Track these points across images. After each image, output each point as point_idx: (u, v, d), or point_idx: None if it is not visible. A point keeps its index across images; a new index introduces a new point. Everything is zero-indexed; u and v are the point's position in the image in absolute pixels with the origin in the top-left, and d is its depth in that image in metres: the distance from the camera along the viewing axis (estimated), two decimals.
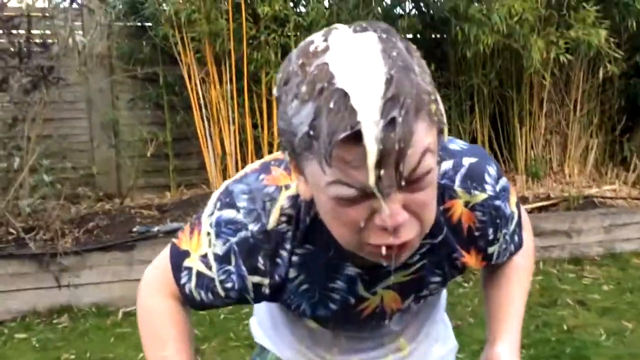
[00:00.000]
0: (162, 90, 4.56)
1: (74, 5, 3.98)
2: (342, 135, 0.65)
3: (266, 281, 0.91)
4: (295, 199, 0.87)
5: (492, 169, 0.93)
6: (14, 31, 3.41)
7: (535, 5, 4.14)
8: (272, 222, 0.88)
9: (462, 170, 0.91)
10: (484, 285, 1.09)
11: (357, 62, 0.67)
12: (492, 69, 4.62)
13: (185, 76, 4.29)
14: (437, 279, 0.97)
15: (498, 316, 1.04)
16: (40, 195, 3.42)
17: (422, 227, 0.76)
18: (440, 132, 0.74)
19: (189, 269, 0.93)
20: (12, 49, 3.35)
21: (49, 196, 3.62)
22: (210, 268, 0.91)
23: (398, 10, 4.84)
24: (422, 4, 4.82)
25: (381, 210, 0.71)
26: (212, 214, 0.91)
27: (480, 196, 0.91)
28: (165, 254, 0.98)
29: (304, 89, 0.68)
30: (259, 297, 0.94)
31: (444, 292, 1.19)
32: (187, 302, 0.97)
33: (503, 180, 0.94)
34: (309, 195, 0.79)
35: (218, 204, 0.91)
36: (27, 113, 3.66)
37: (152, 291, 1.00)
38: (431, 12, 4.76)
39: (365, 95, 0.65)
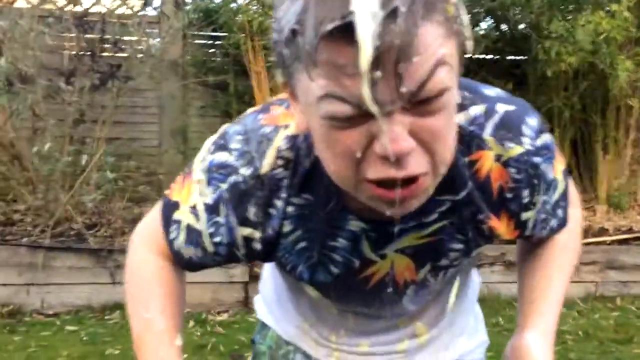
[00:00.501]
0: (232, 99, 4.57)
1: (150, 11, 4.07)
2: (330, 26, 0.54)
3: (257, 234, 0.79)
4: (294, 139, 0.75)
5: (532, 121, 0.77)
6: (89, 35, 3.49)
7: (625, 24, 3.88)
8: (266, 166, 0.76)
9: (496, 117, 0.76)
10: (519, 263, 0.93)
11: None
12: (576, 91, 4.36)
13: (255, 86, 4.28)
14: (459, 245, 0.81)
15: (532, 299, 0.88)
16: (102, 192, 3.45)
17: (434, 164, 0.62)
18: (462, 48, 0.61)
19: (179, 222, 0.83)
20: (84, 48, 3.42)
21: (113, 195, 3.66)
22: (199, 220, 0.81)
23: (477, 29, 4.68)
24: (501, 20, 4.63)
25: (380, 133, 0.57)
26: (204, 159, 0.80)
27: (516, 149, 0.76)
28: (157, 206, 0.88)
29: None
30: (250, 254, 0.82)
31: (476, 278, 1.04)
32: (177, 260, 0.86)
33: (547, 137, 0.78)
34: (304, 126, 0.67)
35: (212, 148, 0.80)
36: (100, 114, 3.75)
37: (141, 248, 0.89)
38: (511, 29, 4.57)
39: None
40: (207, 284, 3.34)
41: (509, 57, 4.67)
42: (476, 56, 4.35)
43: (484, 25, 4.60)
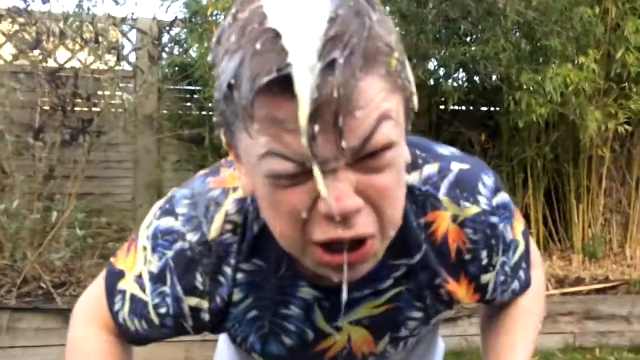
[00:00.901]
0: (208, 152, 4.55)
1: (124, 66, 4.07)
2: (266, 79, 0.52)
3: (205, 304, 0.76)
4: (242, 202, 0.73)
5: (488, 179, 0.75)
6: (61, 90, 3.47)
7: (592, 76, 3.96)
8: (213, 231, 0.73)
9: (450, 176, 0.74)
10: (483, 326, 0.91)
11: (297, 1, 0.53)
12: (547, 141, 4.42)
13: None
14: (418, 314, 0.78)
15: None
16: (72, 250, 3.37)
17: (382, 226, 0.59)
18: (407, 103, 0.60)
19: (123, 292, 0.79)
20: (56, 103, 3.40)
21: (82, 252, 3.58)
22: (144, 290, 0.77)
23: (450, 81, 4.75)
24: (472, 73, 4.71)
25: (324, 190, 0.55)
26: (150, 224, 0.77)
27: (472, 209, 0.73)
28: (101, 275, 0.84)
29: (233, 38, 0.55)
30: (198, 326, 0.78)
31: (441, 344, 1.00)
32: (122, 332, 0.82)
33: (503, 196, 0.76)
34: (249, 189, 0.64)
35: (158, 213, 0.77)
36: (72, 169, 3.70)
37: (83, 322, 0.85)
38: (482, 81, 4.64)
39: (301, 34, 0.51)
40: (179, 342, 3.25)
41: (482, 108, 4.74)
42: (450, 107, 4.40)
43: (455, 77, 4.67)
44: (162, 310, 0.77)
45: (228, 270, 0.74)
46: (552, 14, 3.38)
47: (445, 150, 0.78)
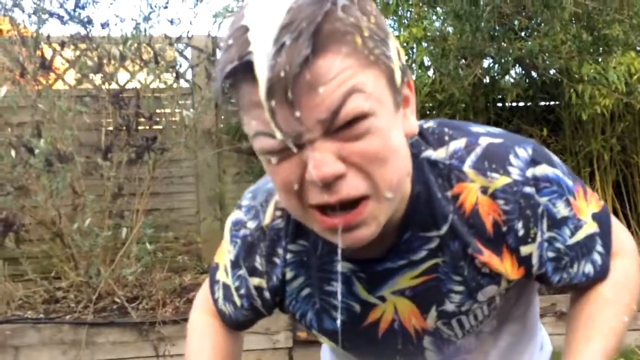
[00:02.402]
0: None
1: (182, 84, 4.17)
2: (230, 67, 0.60)
3: (264, 283, 0.84)
4: None
5: (522, 152, 0.75)
6: (124, 110, 3.58)
7: None
8: (267, 218, 0.83)
9: (478, 150, 0.75)
10: (568, 317, 0.88)
11: (269, 1, 0.62)
12: (613, 133, 4.28)
13: None
14: (459, 287, 0.79)
15: None
16: (143, 265, 3.46)
17: (375, 185, 0.64)
18: (389, 75, 0.64)
19: (218, 282, 0.91)
20: (120, 123, 3.51)
21: (153, 266, 3.67)
22: (228, 276, 0.88)
23: (507, 78, 4.66)
24: (530, 68, 4.61)
25: (307, 160, 0.62)
26: (228, 221, 0.88)
27: (502, 180, 0.74)
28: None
29: (223, 42, 0.64)
30: (265, 305, 0.86)
31: (547, 347, 0.98)
32: (221, 318, 0.92)
33: (546, 170, 0.75)
34: None
35: (234, 209, 0.88)
36: (137, 187, 3.81)
37: (197, 309, 0.97)
38: (540, 75, 4.54)
39: (263, 26, 0.59)
40: (250, 351, 3.29)
41: (541, 104, 4.63)
42: (508, 104, 4.32)
43: (512, 73, 4.58)
44: (242, 291, 0.87)
45: (280, 251, 0.83)
46: (613, 2, 3.28)
47: (480, 128, 0.79)
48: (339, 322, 0.82)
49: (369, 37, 0.62)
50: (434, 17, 4.24)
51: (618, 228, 0.86)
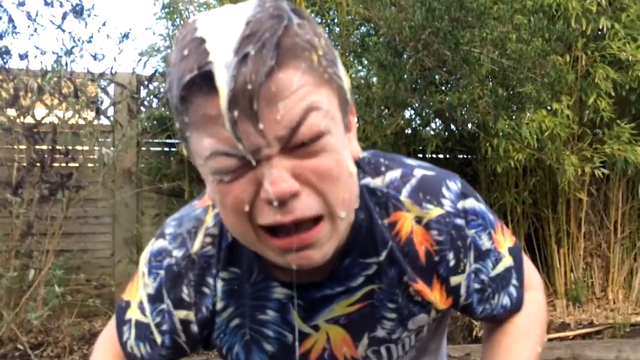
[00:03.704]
0: None
1: (103, 120, 4.06)
2: (189, 76, 0.58)
3: (192, 316, 0.79)
4: (219, 215, 0.76)
5: (453, 185, 0.78)
6: (39, 145, 3.45)
7: (567, 122, 4.05)
8: (196, 245, 0.78)
9: (413, 181, 0.77)
10: (482, 350, 0.90)
11: (224, 13, 0.61)
12: (526, 187, 4.47)
13: None
14: (392, 314, 0.79)
15: None
16: (50, 308, 3.28)
17: (328, 205, 0.63)
18: (341, 96, 0.65)
19: (129, 321, 0.84)
20: (34, 159, 3.36)
21: (61, 310, 3.49)
22: (145, 313, 0.81)
23: (427, 129, 4.81)
24: (449, 121, 4.79)
25: (263, 178, 0.60)
26: (145, 252, 0.82)
27: (435, 211, 0.76)
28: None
29: (173, 55, 0.62)
30: (191, 340, 0.81)
31: None
32: None
33: (474, 204, 0.78)
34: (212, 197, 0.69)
35: (153, 240, 0.82)
36: (49, 226, 3.64)
37: (99, 354, 0.89)
38: (459, 128, 4.72)
39: (221, 37, 0.58)
40: None
41: (459, 156, 4.80)
42: (428, 155, 4.45)
43: (433, 125, 4.74)
44: (164, 327, 0.80)
45: (210, 280, 0.79)
46: (526, 61, 3.47)
47: (412, 161, 0.82)
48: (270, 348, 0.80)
49: (322, 56, 0.63)
50: (359, 67, 4.36)
51: (526, 263, 0.91)
